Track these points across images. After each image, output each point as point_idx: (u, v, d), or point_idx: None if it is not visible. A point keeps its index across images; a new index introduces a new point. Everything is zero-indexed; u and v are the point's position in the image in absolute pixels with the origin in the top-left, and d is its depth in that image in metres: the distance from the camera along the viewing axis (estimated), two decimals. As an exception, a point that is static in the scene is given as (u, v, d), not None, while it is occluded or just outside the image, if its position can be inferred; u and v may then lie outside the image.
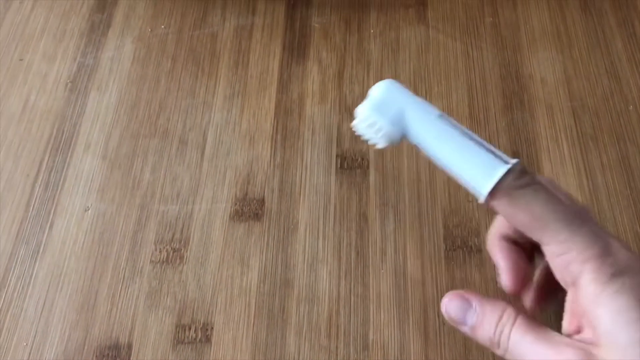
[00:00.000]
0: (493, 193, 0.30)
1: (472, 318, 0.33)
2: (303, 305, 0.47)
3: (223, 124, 0.56)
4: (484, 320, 0.33)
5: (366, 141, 0.37)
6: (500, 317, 0.32)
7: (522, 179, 0.30)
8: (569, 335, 0.30)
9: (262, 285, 0.48)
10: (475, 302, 0.34)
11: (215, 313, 0.47)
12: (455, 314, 0.34)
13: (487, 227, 0.48)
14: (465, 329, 0.34)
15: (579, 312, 0.30)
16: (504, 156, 0.31)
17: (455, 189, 0.52)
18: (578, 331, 0.30)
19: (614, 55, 0.58)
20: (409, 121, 0.35)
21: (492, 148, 0.32)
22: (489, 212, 0.50)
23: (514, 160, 0.31)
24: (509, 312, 0.32)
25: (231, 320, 0.47)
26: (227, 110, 0.57)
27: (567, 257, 0.29)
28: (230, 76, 0.59)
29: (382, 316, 0.47)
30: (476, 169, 0.32)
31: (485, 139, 0.35)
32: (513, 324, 0.31)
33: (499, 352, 0.32)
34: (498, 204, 0.31)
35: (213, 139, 0.55)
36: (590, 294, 0.27)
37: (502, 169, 0.30)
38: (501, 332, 0.32)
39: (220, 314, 0.47)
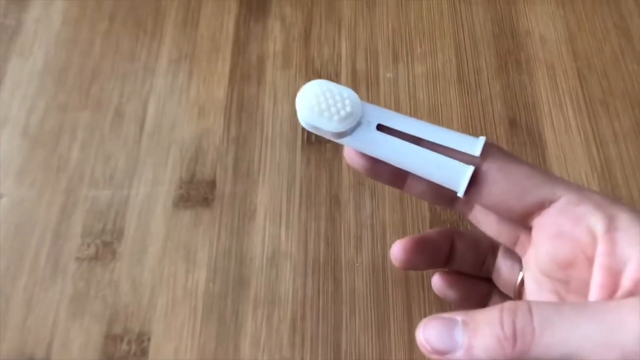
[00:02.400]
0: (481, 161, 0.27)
1: (461, 335, 0.25)
2: (261, 309, 0.39)
3: (167, 92, 0.47)
4: (479, 326, 0.24)
5: (321, 120, 0.28)
6: (502, 310, 0.24)
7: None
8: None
9: (211, 285, 0.40)
10: (460, 316, 0.25)
11: (153, 320, 0.39)
12: (437, 340, 0.25)
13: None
14: (458, 356, 0.25)
15: (616, 266, 0.24)
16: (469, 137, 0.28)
17: (443, 165, 0.43)
18: (614, 291, 0.24)
19: (624, 8, 0.50)
20: (366, 104, 0.28)
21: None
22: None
23: (482, 137, 0.28)
24: (512, 303, 0.24)
25: (173, 328, 0.39)
26: (173, 76, 0.48)
27: (588, 204, 0.25)
28: (177, 36, 0.50)
29: (357, 320, 0.38)
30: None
31: (478, 105, 0.28)
32: (530, 308, 0.23)
33: (514, 352, 0.24)
34: (488, 173, 0.27)
35: (155, 110, 0.47)
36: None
37: (483, 137, 0.27)
38: (513, 321, 0.23)
39: (159, 322, 0.39)
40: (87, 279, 0.41)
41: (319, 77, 0.48)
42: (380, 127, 0.28)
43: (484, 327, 0.24)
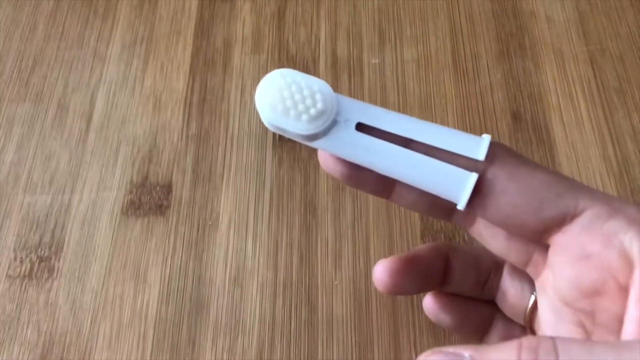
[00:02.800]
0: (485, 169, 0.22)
1: None
2: (222, 337, 0.33)
3: (119, 82, 0.41)
4: (488, 353, 0.19)
5: (287, 120, 0.22)
6: (520, 348, 0.19)
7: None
8: None
9: (164, 308, 0.34)
10: (467, 351, 0.20)
11: (94, 350, 0.33)
12: None
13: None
14: None
15: None
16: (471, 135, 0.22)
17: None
18: None
19: (641, -15, 0.44)
20: (340, 97, 0.22)
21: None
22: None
23: (486, 135, 0.22)
24: (532, 339, 0.19)
25: (119, 359, 0.33)
26: (126, 64, 0.42)
27: (620, 219, 0.21)
28: (133, 18, 0.44)
29: (335, 350, 0.33)
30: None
31: (476, 95, 0.22)
32: (555, 347, 0.19)
33: None
34: (495, 182, 0.22)
35: (104, 103, 0.40)
36: None
37: (487, 136, 0.22)
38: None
39: (102, 351, 0.33)
40: (19, 300, 0.34)
41: (294, 64, 0.41)
42: (361, 127, 0.22)
43: None
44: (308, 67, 0.41)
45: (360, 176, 0.24)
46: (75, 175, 0.38)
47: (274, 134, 0.39)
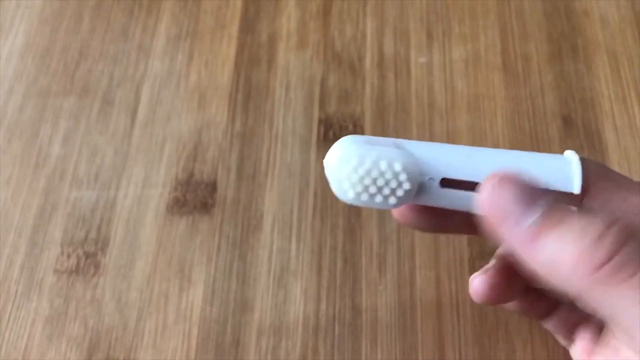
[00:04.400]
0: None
1: (541, 206, 0.18)
2: (266, 339, 0.33)
3: (164, 77, 0.41)
4: (568, 223, 0.18)
5: (372, 202, 0.21)
6: (610, 226, 0.17)
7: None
8: None
9: (208, 307, 0.34)
10: (545, 199, 0.18)
11: (140, 347, 0.33)
12: (513, 198, 0.18)
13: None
14: (513, 228, 0.18)
15: None
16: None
17: (483, 170, 0.37)
18: None
19: (701, -15, 0.42)
20: (419, 151, 0.21)
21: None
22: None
23: (574, 157, 0.21)
24: (628, 224, 0.17)
25: (163, 358, 0.33)
26: (170, 58, 0.42)
27: None
28: (177, 11, 0.43)
29: (378, 355, 0.32)
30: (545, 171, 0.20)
31: (526, 98, 0.22)
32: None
33: (589, 279, 0.17)
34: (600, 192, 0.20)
35: (149, 98, 0.40)
36: None
37: (575, 158, 0.21)
38: (618, 244, 0.17)
39: (147, 349, 0.33)
40: (66, 296, 0.35)
41: (340, 62, 0.41)
42: (445, 181, 0.21)
43: (575, 227, 0.17)
44: (354, 66, 0.41)
45: (445, 224, 0.24)
46: (121, 171, 0.38)
47: (318, 132, 0.39)
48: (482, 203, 0.19)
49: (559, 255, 0.17)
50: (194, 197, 0.37)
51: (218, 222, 0.36)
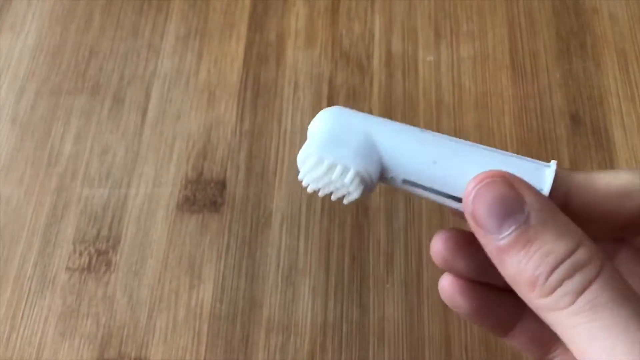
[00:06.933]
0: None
1: (516, 222, 0.19)
2: (275, 336, 0.34)
3: (173, 75, 0.41)
4: (543, 236, 0.18)
5: (329, 195, 0.21)
6: (573, 252, 0.18)
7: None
8: None
9: (218, 305, 0.34)
10: (531, 200, 0.19)
11: (151, 344, 0.34)
12: (488, 210, 0.19)
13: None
14: (487, 237, 0.19)
15: None
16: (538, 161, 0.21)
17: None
18: None
19: None
20: (385, 147, 0.21)
21: (518, 156, 0.21)
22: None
23: (554, 162, 0.21)
24: (582, 258, 0.18)
25: (173, 355, 0.34)
26: (180, 56, 0.42)
27: None
28: (187, 10, 0.44)
29: (385, 353, 0.33)
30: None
31: (534, 96, 0.21)
32: (593, 279, 0.18)
33: (544, 301, 0.18)
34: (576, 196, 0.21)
35: (159, 96, 0.41)
36: None
37: (553, 164, 0.20)
38: (562, 279, 0.18)
39: (158, 346, 0.34)
40: (79, 293, 0.35)
41: (348, 60, 0.41)
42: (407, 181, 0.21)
43: (538, 252, 0.18)
44: (362, 64, 0.41)
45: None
46: (132, 169, 0.39)
47: (326, 131, 0.39)
48: (464, 206, 0.19)
49: (519, 274, 0.18)
50: (204, 195, 0.37)
51: (227, 220, 0.37)
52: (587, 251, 0.18)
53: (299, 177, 0.21)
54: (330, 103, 0.40)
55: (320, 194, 0.21)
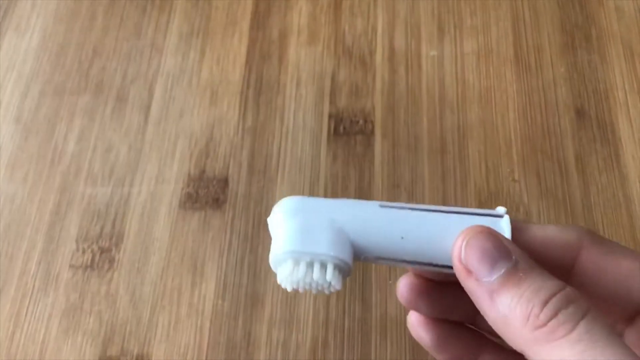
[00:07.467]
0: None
1: (506, 265, 0.20)
2: (277, 332, 0.33)
3: (176, 74, 0.41)
4: (532, 276, 0.19)
5: (312, 291, 0.22)
6: (563, 288, 0.19)
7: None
8: None
9: (220, 301, 0.34)
10: (514, 249, 0.20)
11: (154, 341, 0.34)
12: (480, 257, 0.20)
13: (539, 215, 0.34)
14: (478, 283, 0.20)
15: None
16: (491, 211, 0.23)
17: (494, 163, 0.37)
18: None
19: None
20: (353, 232, 0.22)
21: (472, 210, 0.23)
22: (543, 195, 0.35)
23: (502, 209, 0.22)
24: (572, 294, 0.19)
25: (175, 351, 0.34)
26: (183, 55, 0.42)
27: None
28: (189, 8, 0.44)
29: (388, 350, 0.33)
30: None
31: (538, 90, 0.21)
32: (585, 313, 0.19)
33: (539, 333, 0.19)
34: (583, 277, 0.22)
35: (162, 95, 0.41)
36: None
37: (505, 215, 0.22)
38: (557, 310, 0.19)
39: (161, 343, 0.34)
40: (82, 290, 0.36)
41: (350, 56, 0.41)
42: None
43: (528, 289, 0.19)
44: (364, 60, 0.41)
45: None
46: (135, 167, 0.39)
47: (329, 127, 0.39)
48: (453, 259, 0.21)
49: (512, 311, 0.19)
50: (206, 192, 0.37)
51: (230, 217, 0.37)
52: (574, 290, 0.19)
53: (278, 281, 0.21)
54: (332, 101, 0.40)
55: (301, 290, 0.21)
